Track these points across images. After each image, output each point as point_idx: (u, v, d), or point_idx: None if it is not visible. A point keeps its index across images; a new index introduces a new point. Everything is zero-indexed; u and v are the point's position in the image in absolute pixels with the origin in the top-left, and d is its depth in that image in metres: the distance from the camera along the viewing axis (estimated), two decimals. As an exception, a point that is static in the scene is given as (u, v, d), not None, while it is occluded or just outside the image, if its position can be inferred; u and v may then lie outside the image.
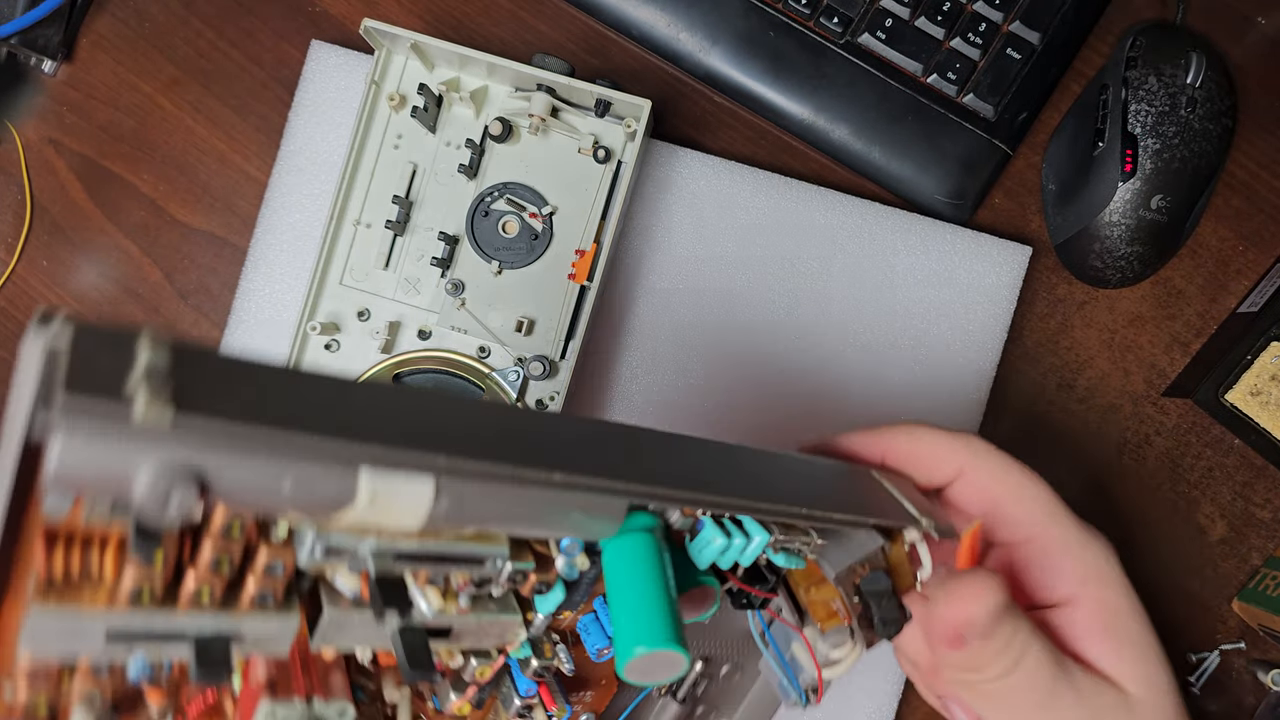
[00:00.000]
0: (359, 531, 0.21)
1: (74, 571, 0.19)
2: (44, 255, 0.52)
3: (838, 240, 0.50)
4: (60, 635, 0.19)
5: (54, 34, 0.51)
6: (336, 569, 0.23)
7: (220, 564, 0.20)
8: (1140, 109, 0.46)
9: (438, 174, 0.48)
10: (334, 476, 0.19)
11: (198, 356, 0.18)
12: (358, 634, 0.23)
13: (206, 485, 0.17)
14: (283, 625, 0.22)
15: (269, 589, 0.21)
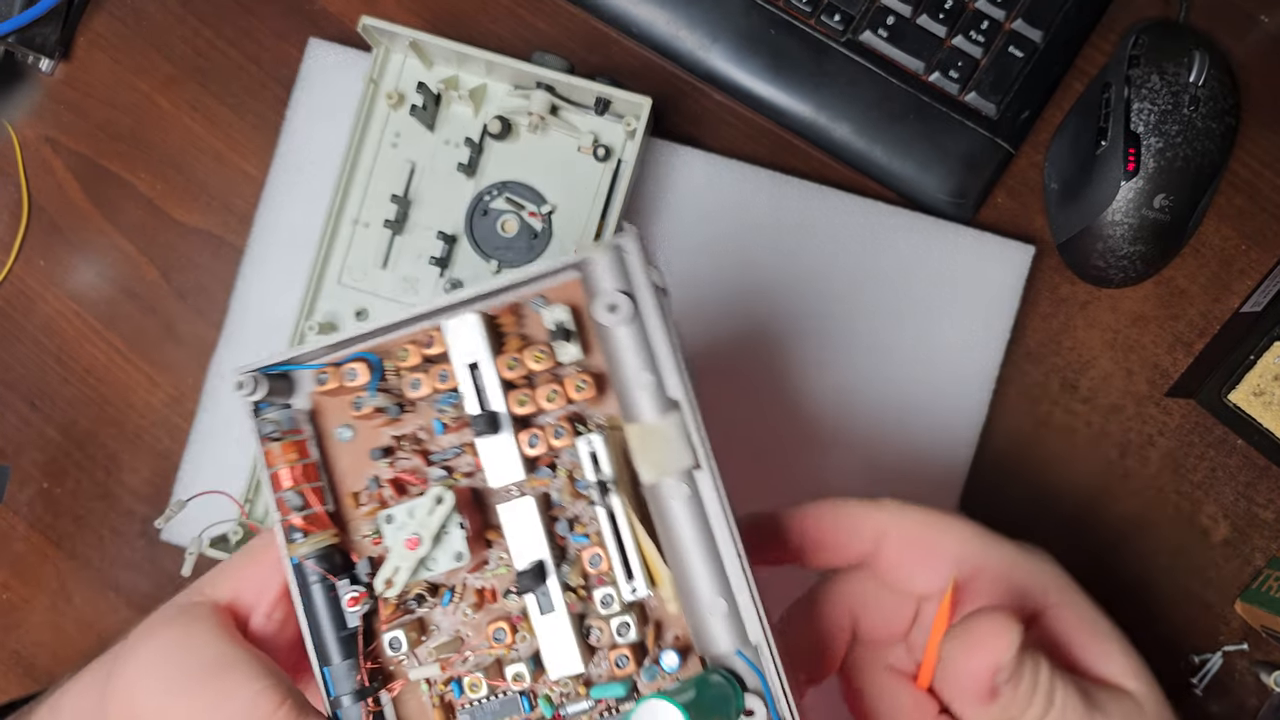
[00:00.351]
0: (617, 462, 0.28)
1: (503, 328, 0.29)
2: (41, 254, 0.52)
3: (839, 239, 0.49)
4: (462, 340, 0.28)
5: (51, 32, 0.51)
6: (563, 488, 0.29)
7: (549, 397, 0.28)
8: (1143, 107, 0.46)
9: (436, 172, 0.48)
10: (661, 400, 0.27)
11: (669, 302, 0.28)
12: (520, 538, 0.28)
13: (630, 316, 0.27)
14: (513, 468, 0.28)
15: (540, 439, 0.28)
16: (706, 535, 0.27)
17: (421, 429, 0.30)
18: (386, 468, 0.30)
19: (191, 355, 0.51)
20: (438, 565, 0.28)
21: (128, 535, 0.51)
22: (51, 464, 0.51)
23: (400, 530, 0.28)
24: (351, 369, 0.29)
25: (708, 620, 0.27)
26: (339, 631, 0.29)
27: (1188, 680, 0.49)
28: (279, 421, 0.29)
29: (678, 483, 0.27)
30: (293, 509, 0.29)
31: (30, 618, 0.51)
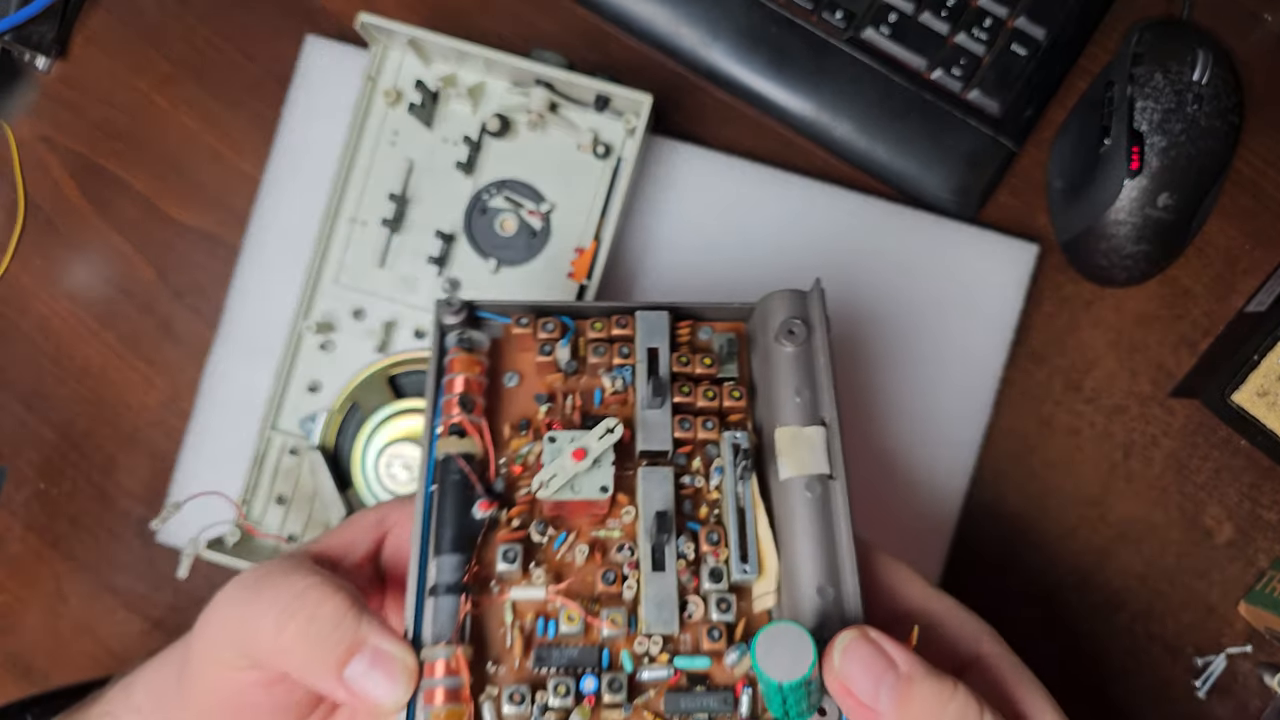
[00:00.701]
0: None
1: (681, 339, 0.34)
2: (37, 253, 0.51)
3: (840, 238, 0.49)
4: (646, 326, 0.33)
5: (48, 30, 0.51)
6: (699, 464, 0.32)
7: (707, 394, 0.32)
8: (1147, 106, 0.46)
9: (434, 171, 0.48)
10: (810, 414, 0.31)
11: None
12: (651, 495, 0.31)
13: (802, 342, 0.32)
14: (663, 435, 0.32)
15: (690, 423, 0.32)
16: (825, 534, 0.29)
17: (585, 391, 0.33)
18: (542, 413, 0.33)
19: (188, 355, 0.51)
20: (584, 489, 0.30)
21: (124, 537, 0.50)
22: (47, 465, 0.51)
23: (565, 445, 0.31)
24: (548, 322, 0.33)
25: (812, 603, 0.29)
26: (461, 528, 0.31)
27: (1190, 682, 0.49)
28: (470, 339, 0.33)
29: (812, 482, 0.30)
30: (463, 409, 0.31)
31: (26, 619, 0.51)
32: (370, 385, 0.47)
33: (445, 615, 0.29)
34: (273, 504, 0.47)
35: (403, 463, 0.45)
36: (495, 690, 0.29)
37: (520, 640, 0.30)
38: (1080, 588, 0.50)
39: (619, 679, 0.29)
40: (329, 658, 0.28)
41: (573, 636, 0.30)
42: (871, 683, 0.27)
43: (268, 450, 0.47)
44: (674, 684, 0.30)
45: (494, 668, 0.30)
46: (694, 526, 0.31)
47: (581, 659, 0.30)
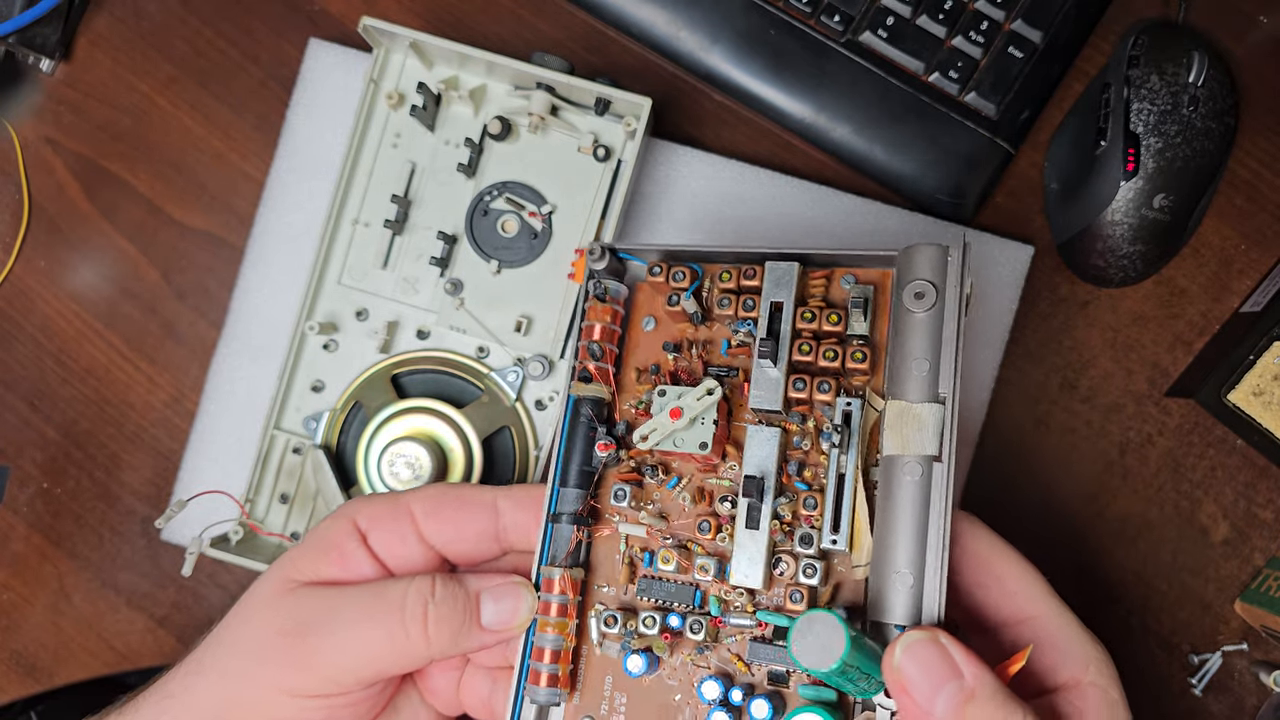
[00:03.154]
0: (864, 425, 0.31)
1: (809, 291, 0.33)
2: (41, 255, 0.52)
3: (839, 239, 0.49)
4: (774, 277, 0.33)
5: (52, 33, 0.51)
6: (809, 430, 0.32)
7: (828, 354, 0.32)
8: (1142, 108, 0.46)
9: (436, 173, 0.48)
10: (930, 389, 0.30)
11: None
12: (759, 455, 0.32)
13: (931, 307, 0.30)
14: (775, 395, 0.32)
15: (805, 383, 0.32)
16: (922, 516, 0.29)
17: (710, 341, 0.35)
18: (670, 360, 0.35)
19: (192, 355, 0.51)
20: (684, 444, 0.32)
21: (128, 535, 0.51)
22: (51, 464, 0.51)
23: (669, 401, 0.32)
24: (679, 270, 0.34)
25: (892, 587, 0.29)
26: (584, 465, 0.34)
27: (1187, 680, 0.49)
28: (609, 288, 0.35)
29: (915, 463, 0.29)
30: (591, 357, 0.34)
31: (30, 618, 0.51)
32: (373, 385, 0.47)
33: (563, 541, 0.33)
34: (276, 502, 0.48)
35: (405, 461, 0.45)
36: (603, 608, 0.34)
37: (626, 569, 0.34)
38: (1076, 586, 0.50)
39: (701, 621, 0.32)
40: (467, 620, 0.33)
41: (671, 574, 0.33)
42: (931, 688, 0.26)
43: (271, 449, 0.47)
44: (757, 634, 0.32)
45: (605, 588, 0.34)
46: (802, 487, 0.32)
47: (677, 595, 0.33)
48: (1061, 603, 0.32)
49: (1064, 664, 0.31)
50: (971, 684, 0.26)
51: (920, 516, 0.29)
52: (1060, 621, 0.32)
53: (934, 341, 0.30)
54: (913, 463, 0.29)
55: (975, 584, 0.33)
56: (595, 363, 0.34)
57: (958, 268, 0.30)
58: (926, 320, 0.30)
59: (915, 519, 0.29)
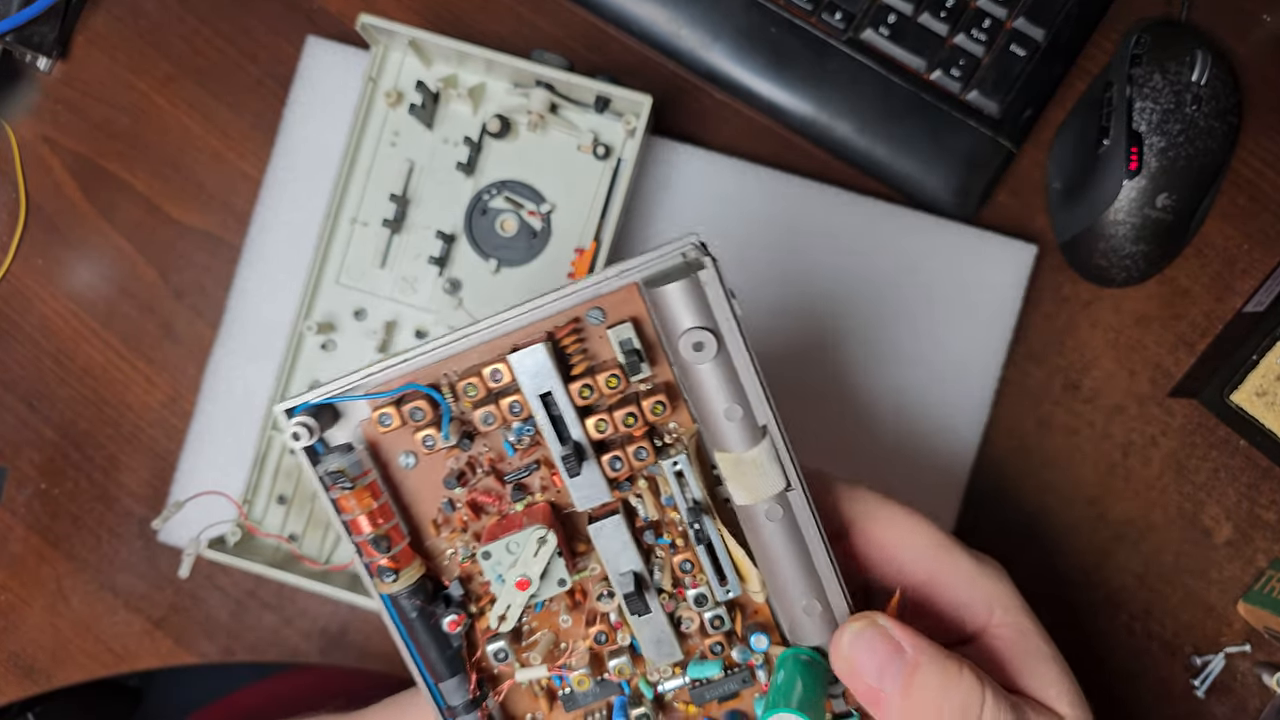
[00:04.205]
0: (702, 474, 0.28)
1: (565, 347, 0.28)
2: (39, 254, 0.51)
3: (840, 238, 0.49)
4: (530, 370, 0.28)
5: (49, 31, 0.51)
6: (645, 499, 0.29)
7: (628, 420, 0.28)
8: (1145, 106, 0.46)
9: (435, 172, 0.48)
10: (750, 428, 0.27)
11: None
12: (613, 552, 0.29)
13: (716, 355, 0.26)
14: (599, 491, 0.29)
15: (622, 461, 0.28)
16: (800, 546, 0.28)
17: (489, 450, 0.30)
18: (460, 491, 0.30)
19: (189, 355, 0.51)
20: (544, 594, 0.29)
21: (125, 536, 0.51)
22: (49, 464, 0.51)
23: (500, 567, 0.29)
24: (414, 408, 0.28)
25: (803, 620, 0.29)
26: (444, 652, 0.30)
27: (1189, 681, 0.49)
28: (344, 469, 0.28)
29: (772, 505, 0.28)
30: (378, 552, 0.29)
31: (28, 619, 0.51)
32: (371, 385, 0.47)
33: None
34: (274, 504, 0.47)
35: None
36: None
37: (546, 702, 0.32)
38: (1079, 587, 0.50)
39: (644, 710, 0.31)
40: None
41: (589, 686, 0.31)
42: (877, 667, 0.27)
43: (269, 450, 0.47)
44: (694, 686, 0.31)
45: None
46: (664, 542, 0.30)
47: (605, 693, 0.31)
48: (951, 548, 0.32)
49: (968, 614, 0.32)
50: (913, 655, 0.27)
51: (799, 547, 0.28)
52: (952, 572, 0.32)
53: (733, 385, 0.27)
54: (769, 505, 0.28)
55: (868, 564, 0.33)
56: (387, 554, 0.29)
57: (722, 297, 0.26)
58: (715, 368, 0.27)
59: (796, 552, 0.28)
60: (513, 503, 0.30)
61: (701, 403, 0.27)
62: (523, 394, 0.28)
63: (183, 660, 0.51)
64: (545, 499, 0.30)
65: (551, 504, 0.30)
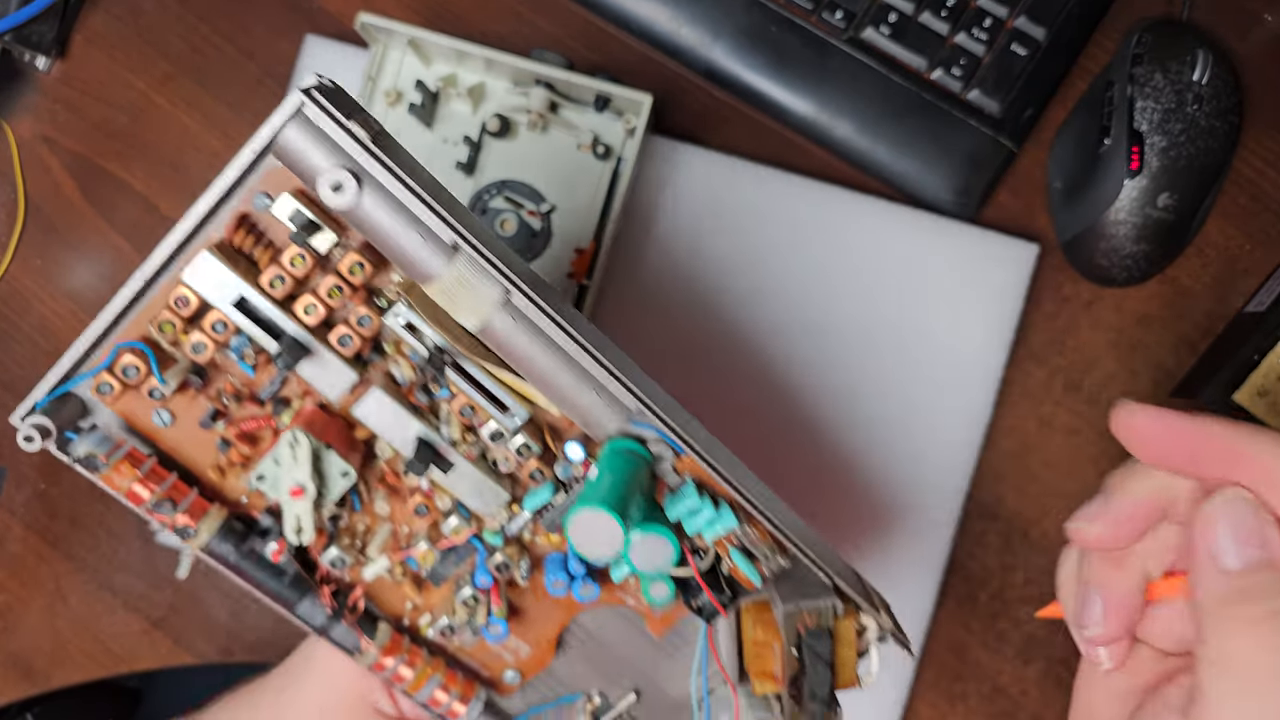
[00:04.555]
0: (432, 315, 0.27)
1: (243, 248, 0.27)
2: (37, 254, 0.51)
3: (841, 237, 0.49)
4: (211, 282, 0.27)
5: (48, 30, 0.50)
6: (400, 362, 0.29)
7: (332, 293, 0.27)
8: (1147, 106, 0.46)
9: (434, 171, 0.48)
10: (440, 249, 0.26)
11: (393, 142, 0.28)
12: (389, 426, 0.29)
13: (361, 190, 0.25)
14: (343, 373, 0.28)
15: (350, 335, 0.28)
16: (549, 344, 0.27)
17: (232, 376, 0.30)
18: (226, 427, 0.30)
19: (188, 355, 0.51)
20: (333, 491, 0.29)
21: (124, 537, 0.50)
22: (48, 465, 0.51)
23: (276, 483, 0.29)
24: (126, 365, 0.28)
25: (589, 415, 0.28)
26: (283, 580, 0.31)
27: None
28: (95, 449, 0.28)
29: (501, 315, 0.27)
30: (168, 514, 0.29)
31: (26, 619, 0.51)
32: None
33: (347, 639, 0.32)
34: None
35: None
36: (429, 621, 0.33)
37: (410, 584, 0.32)
38: (1080, 588, 0.50)
39: (503, 560, 0.31)
40: None
41: (440, 555, 0.32)
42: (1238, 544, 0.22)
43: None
44: (542, 514, 0.31)
45: (415, 613, 0.33)
46: (444, 394, 0.29)
47: (463, 557, 0.32)
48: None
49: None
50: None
51: (548, 344, 0.27)
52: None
53: (402, 214, 0.25)
54: (499, 317, 0.26)
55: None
56: (176, 511, 0.29)
57: (335, 126, 0.25)
58: (376, 204, 0.25)
59: (549, 350, 0.27)
60: (279, 417, 0.30)
61: (385, 245, 0.26)
62: (218, 309, 0.27)
63: (182, 660, 0.51)
64: (310, 403, 0.30)
65: (320, 405, 0.30)
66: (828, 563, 0.30)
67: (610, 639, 0.35)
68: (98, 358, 0.28)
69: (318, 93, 0.25)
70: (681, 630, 0.34)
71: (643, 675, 0.35)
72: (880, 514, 0.49)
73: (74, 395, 0.29)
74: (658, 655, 0.35)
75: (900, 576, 0.49)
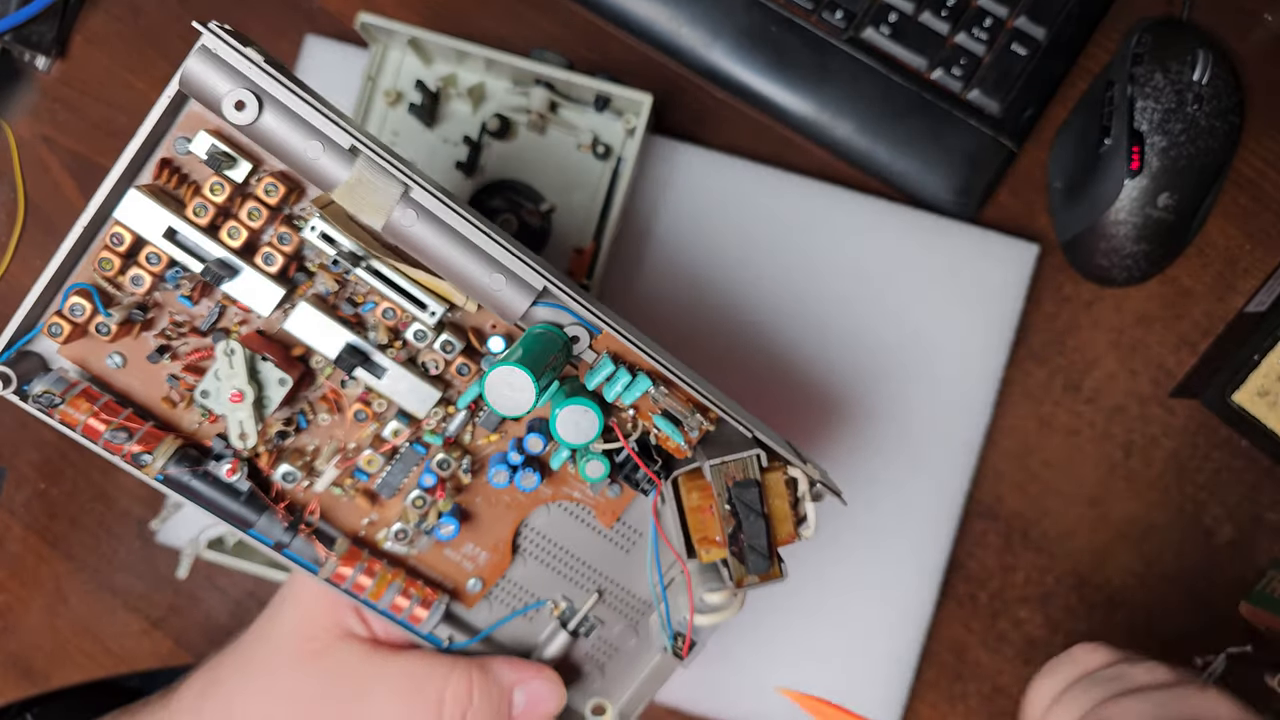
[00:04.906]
0: (347, 227, 0.29)
1: (168, 187, 0.30)
2: (37, 254, 0.51)
3: (840, 237, 0.49)
4: (141, 217, 0.29)
5: (48, 30, 0.51)
6: (323, 278, 0.31)
7: (252, 215, 0.30)
8: (1147, 106, 0.46)
9: (435, 171, 0.48)
10: (340, 156, 0.28)
11: (288, 70, 0.30)
12: (319, 337, 0.31)
13: (261, 107, 0.28)
14: (271, 291, 0.30)
15: (274, 253, 0.30)
16: (453, 234, 0.29)
17: (174, 312, 0.31)
18: (172, 362, 0.32)
19: (188, 355, 0.51)
20: (273, 398, 0.31)
21: (124, 537, 0.50)
22: (47, 465, 0.51)
23: (219, 396, 0.31)
24: (73, 305, 0.30)
25: (498, 298, 0.29)
26: (238, 499, 0.32)
27: (1192, 682, 0.49)
28: (50, 389, 0.30)
29: (404, 210, 0.28)
30: (122, 443, 0.31)
31: (26, 619, 0.51)
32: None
33: (305, 552, 0.33)
34: (273, 504, 0.47)
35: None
36: (385, 532, 0.34)
37: (364, 498, 0.34)
38: (1080, 588, 0.50)
39: (444, 458, 0.33)
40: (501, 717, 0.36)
41: (386, 461, 0.33)
42: None
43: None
44: (477, 414, 0.33)
45: (369, 520, 0.34)
46: (369, 307, 0.31)
47: (408, 464, 0.33)
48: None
49: None
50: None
51: (453, 235, 0.29)
52: None
53: (300, 125, 0.28)
54: (402, 213, 0.28)
55: None
56: (131, 440, 0.31)
57: (234, 53, 0.28)
58: (276, 120, 0.28)
59: (455, 241, 0.29)
60: (220, 346, 0.31)
61: (290, 159, 0.29)
62: (150, 242, 0.30)
63: (182, 661, 0.51)
64: (249, 329, 0.32)
65: (259, 332, 0.32)
66: (749, 421, 0.32)
67: (565, 541, 0.36)
68: (51, 308, 0.30)
69: (217, 26, 0.28)
70: (631, 523, 0.36)
71: (602, 575, 0.36)
72: (878, 514, 0.49)
73: (34, 353, 0.31)
74: (614, 552, 0.36)
75: (900, 576, 0.49)
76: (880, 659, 0.49)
